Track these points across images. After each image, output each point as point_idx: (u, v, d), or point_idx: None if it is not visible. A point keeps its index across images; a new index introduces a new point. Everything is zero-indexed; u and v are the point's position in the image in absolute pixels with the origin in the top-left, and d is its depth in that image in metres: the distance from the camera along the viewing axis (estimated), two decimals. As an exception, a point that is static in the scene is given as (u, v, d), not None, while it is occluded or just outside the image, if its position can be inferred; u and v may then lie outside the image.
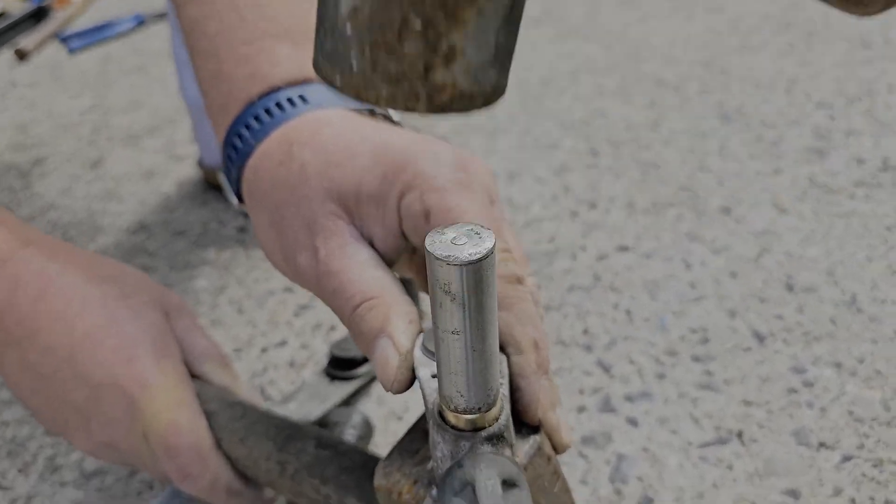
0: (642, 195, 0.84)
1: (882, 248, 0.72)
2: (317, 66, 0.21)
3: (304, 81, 0.42)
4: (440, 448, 0.31)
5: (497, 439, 0.31)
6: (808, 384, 0.59)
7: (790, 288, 0.68)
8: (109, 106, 1.23)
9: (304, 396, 0.59)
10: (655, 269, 0.73)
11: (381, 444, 0.58)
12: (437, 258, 0.26)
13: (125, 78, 1.34)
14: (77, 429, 0.47)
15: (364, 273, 0.35)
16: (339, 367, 0.61)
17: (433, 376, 0.33)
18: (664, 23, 1.29)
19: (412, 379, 0.34)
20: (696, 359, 0.62)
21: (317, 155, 0.37)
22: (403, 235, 0.37)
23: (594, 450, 0.56)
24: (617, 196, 0.85)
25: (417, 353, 0.34)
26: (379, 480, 0.35)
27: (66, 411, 0.47)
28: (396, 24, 0.19)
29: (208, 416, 0.48)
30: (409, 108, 0.20)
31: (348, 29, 0.20)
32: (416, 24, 0.19)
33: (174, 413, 0.46)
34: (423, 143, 0.37)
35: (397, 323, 0.34)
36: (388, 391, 0.34)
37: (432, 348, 0.34)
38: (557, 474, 0.36)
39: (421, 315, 0.36)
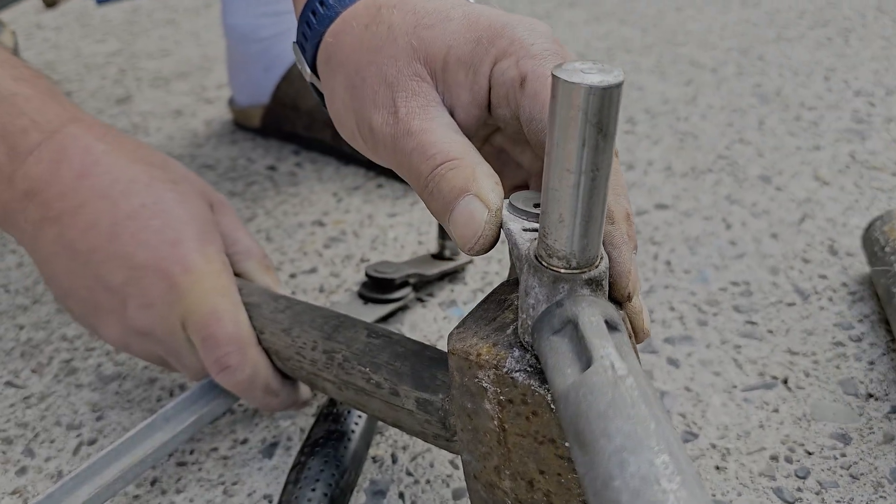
0: (680, 161, 0.83)
1: (926, 222, 0.71)
2: None
3: None
4: (534, 294, 0.30)
5: (596, 285, 0.29)
6: (856, 339, 0.57)
7: (834, 252, 0.67)
8: (137, 51, 1.22)
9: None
10: (695, 227, 0.71)
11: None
12: (566, 81, 0.25)
13: (154, 29, 1.33)
14: (110, 313, 0.46)
15: (446, 134, 0.34)
16: (374, 289, 0.59)
17: (524, 230, 0.32)
18: (699, 12, 1.28)
19: (496, 240, 0.33)
20: (738, 309, 0.61)
21: (406, 17, 0.36)
22: (488, 107, 0.36)
23: (634, 386, 0.54)
24: (654, 160, 0.83)
25: (505, 211, 0.33)
26: (453, 344, 0.33)
27: (101, 293, 0.45)
28: None
29: (250, 308, 0.46)
30: None
31: None
32: None
33: (216, 300, 0.44)
34: (516, 16, 0.36)
35: (484, 182, 0.32)
36: (466, 250, 0.33)
37: (522, 206, 0.33)
38: (635, 349, 0.34)
39: None
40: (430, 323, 0.60)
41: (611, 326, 0.28)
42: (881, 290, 0.57)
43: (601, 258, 0.30)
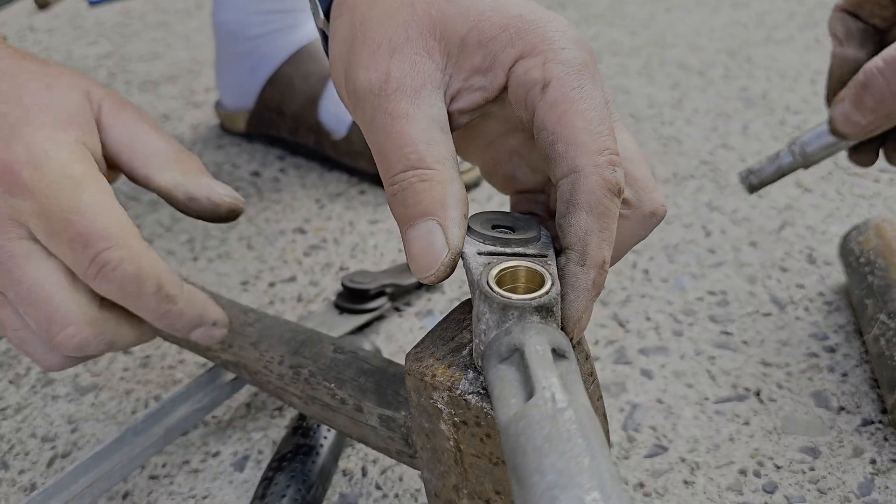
0: (663, 166, 0.83)
1: (907, 230, 0.71)
2: None
3: None
4: (485, 319, 0.30)
5: (546, 312, 0.29)
6: (830, 350, 0.57)
7: (812, 260, 0.67)
8: (127, 54, 1.22)
9: (312, 324, 0.57)
10: (674, 234, 0.71)
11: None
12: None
13: (146, 32, 1.33)
14: None
15: (428, 131, 0.32)
16: (350, 299, 0.59)
17: (479, 254, 0.32)
18: (689, 14, 1.28)
19: (451, 273, 0.32)
20: (713, 319, 0.61)
21: None
22: (495, 100, 0.34)
23: (608, 398, 0.54)
24: (638, 166, 0.83)
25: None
26: (410, 365, 0.33)
27: None
28: None
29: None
30: None
31: None
32: None
33: (75, 193, 0.36)
34: (549, 13, 0.33)
35: (452, 211, 0.31)
36: (419, 279, 0.32)
37: (479, 229, 0.33)
38: (593, 375, 0.35)
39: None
40: (406, 333, 0.60)
41: (558, 355, 0.28)
42: (855, 301, 0.57)
43: (552, 284, 0.30)
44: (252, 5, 0.84)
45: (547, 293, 0.30)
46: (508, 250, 0.32)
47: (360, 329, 0.60)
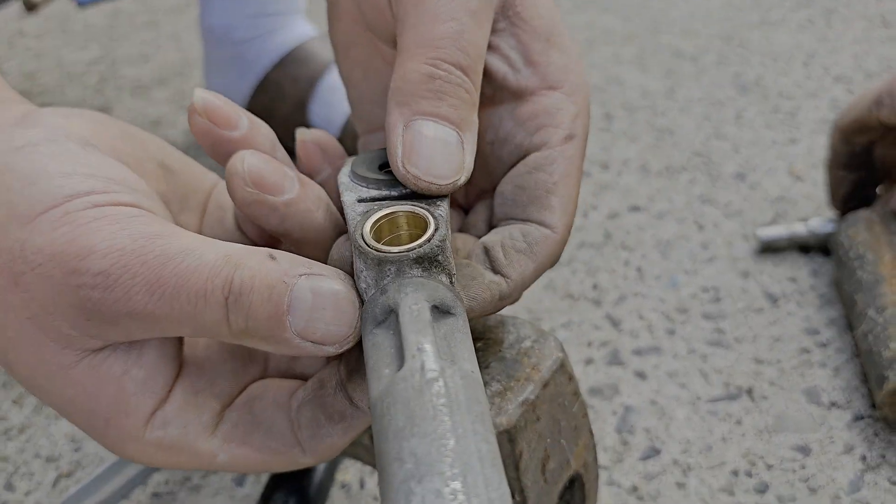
0: (656, 159, 0.83)
1: (899, 217, 0.71)
2: None
3: None
4: (363, 276, 0.26)
5: (430, 263, 0.26)
6: (822, 345, 0.58)
7: (804, 252, 0.67)
8: (117, 58, 1.22)
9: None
10: (667, 230, 0.71)
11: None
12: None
13: (134, 33, 1.33)
14: None
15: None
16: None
17: (359, 201, 0.29)
18: (682, -3, 1.27)
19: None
20: (707, 316, 0.61)
21: None
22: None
23: (601, 401, 0.55)
24: (630, 159, 0.83)
25: (344, 178, 0.31)
26: None
27: None
28: None
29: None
30: None
31: None
32: None
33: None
34: None
35: None
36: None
37: (362, 173, 0.31)
38: (577, 394, 0.35)
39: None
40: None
41: (442, 312, 0.25)
42: (845, 296, 0.58)
43: (435, 230, 0.27)
44: (239, 10, 0.84)
45: (429, 241, 0.26)
46: (395, 193, 0.29)
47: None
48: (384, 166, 0.31)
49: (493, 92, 0.34)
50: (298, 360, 0.32)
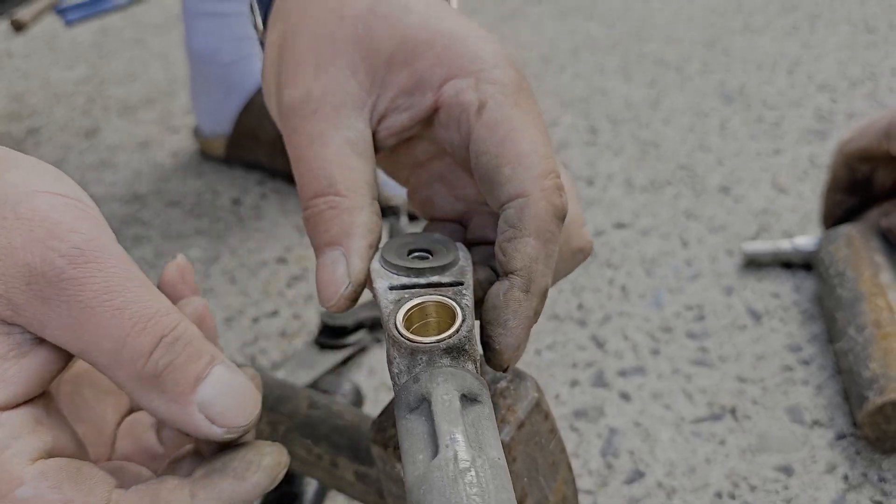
0: (641, 173, 0.83)
1: (881, 228, 0.72)
2: None
3: None
4: (396, 363, 0.28)
5: (458, 353, 0.28)
6: (804, 362, 0.58)
7: (787, 266, 0.67)
8: (105, 77, 1.22)
9: (293, 365, 0.58)
10: (652, 246, 0.72)
11: (372, 414, 0.57)
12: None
13: (122, 51, 1.33)
14: None
15: (343, 155, 0.31)
16: (329, 335, 0.60)
17: (391, 288, 0.30)
18: (667, 3, 1.28)
19: (354, 304, 0.31)
20: (690, 335, 0.62)
21: None
22: (423, 122, 0.32)
23: (586, 423, 0.55)
24: (615, 173, 0.84)
25: (375, 265, 0.32)
26: (374, 434, 0.34)
27: None
28: None
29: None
30: None
31: None
32: None
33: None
34: (480, 29, 0.32)
35: (356, 242, 0.30)
36: (323, 306, 0.31)
37: (393, 259, 0.31)
38: (554, 431, 0.36)
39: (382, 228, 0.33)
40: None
41: (470, 400, 0.27)
42: (827, 312, 0.58)
43: (462, 321, 0.29)
44: (223, 32, 0.85)
45: (457, 332, 0.28)
46: (423, 281, 0.31)
47: (344, 363, 0.61)
48: (412, 252, 0.32)
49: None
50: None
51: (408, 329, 0.28)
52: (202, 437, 0.28)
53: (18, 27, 1.47)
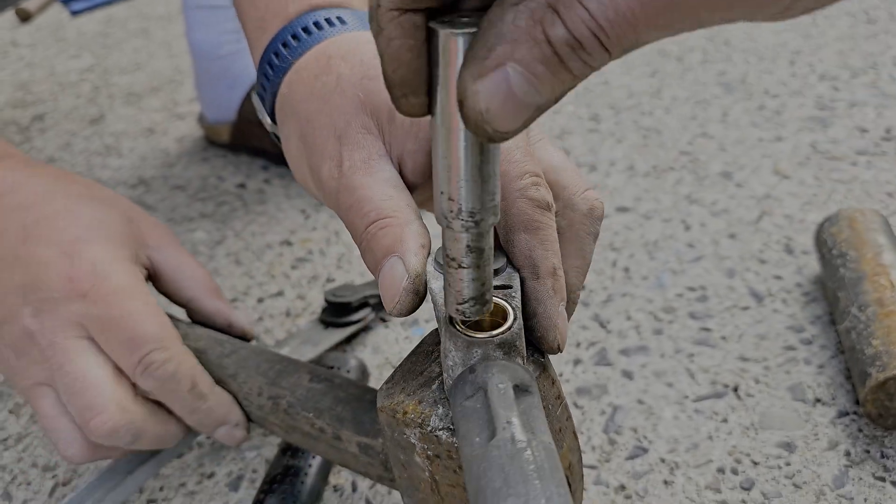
0: (643, 159, 0.84)
1: (883, 213, 0.72)
2: None
3: (340, 5, 0.41)
4: (451, 356, 0.31)
5: (509, 347, 0.31)
6: (807, 342, 0.59)
7: (790, 251, 0.68)
8: (110, 66, 1.23)
9: (297, 342, 0.59)
10: (654, 230, 0.72)
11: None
12: (440, 31, 0.22)
13: (127, 41, 1.33)
14: (9, 318, 0.42)
15: (383, 191, 0.34)
16: (334, 313, 0.61)
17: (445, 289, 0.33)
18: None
19: (417, 303, 0.34)
20: (693, 316, 0.62)
21: (354, 68, 0.37)
22: None
23: (589, 400, 0.55)
24: (617, 160, 0.84)
25: (429, 267, 0.34)
26: (382, 401, 0.34)
27: (3, 294, 0.43)
28: None
29: (197, 354, 0.47)
30: None
31: None
32: None
33: (129, 302, 0.42)
34: None
35: (409, 244, 0.33)
36: (389, 311, 0.34)
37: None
38: (560, 398, 0.36)
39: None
40: (392, 344, 0.62)
41: (522, 390, 0.30)
42: (829, 293, 0.59)
43: (514, 319, 0.32)
44: (222, 24, 0.85)
45: (510, 328, 0.31)
46: None
47: (348, 341, 0.61)
48: None
49: None
50: None
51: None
52: None
53: (24, 17, 1.47)
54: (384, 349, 0.61)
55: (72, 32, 1.40)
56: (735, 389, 0.55)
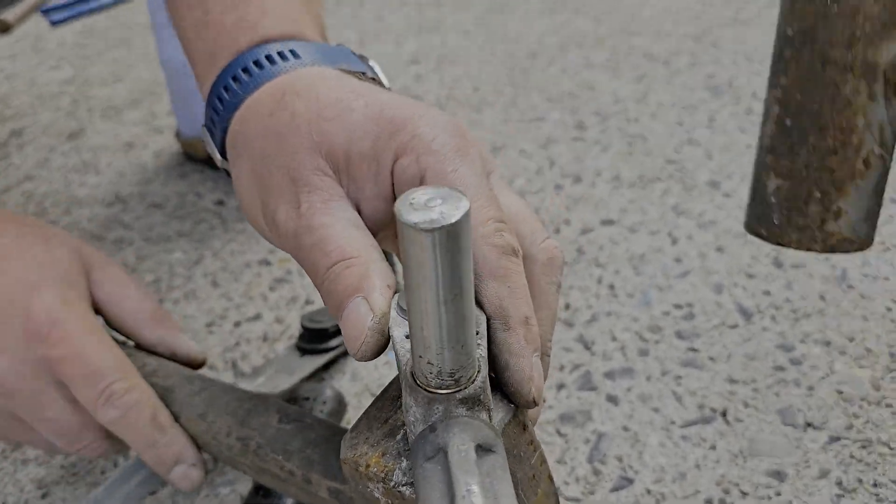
0: (629, 168, 0.82)
1: (874, 223, 0.70)
2: (749, 225, 0.36)
3: (294, 37, 0.40)
4: (412, 412, 0.29)
5: (473, 402, 0.29)
6: (796, 362, 0.57)
7: (779, 264, 0.66)
8: (90, 78, 1.21)
9: (273, 371, 0.57)
10: (641, 243, 0.71)
11: (351, 421, 0.56)
12: (407, 225, 0.24)
13: (107, 51, 1.31)
14: None
15: (345, 231, 0.33)
16: (310, 339, 0.59)
17: (407, 336, 0.31)
18: (657, -4, 1.26)
19: (383, 345, 0.32)
20: (680, 335, 0.60)
21: (309, 106, 0.35)
22: (393, 200, 0.35)
23: (573, 428, 0.54)
24: (603, 169, 0.82)
25: (392, 312, 0.32)
26: (345, 453, 0.33)
27: None
28: (804, 195, 0.33)
29: (165, 392, 0.46)
30: (809, 248, 0.33)
31: (773, 199, 0.34)
32: (817, 195, 0.32)
33: (86, 340, 0.43)
34: (420, 107, 0.35)
35: (374, 282, 0.31)
36: (353, 354, 0.32)
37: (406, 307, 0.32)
38: (534, 445, 0.34)
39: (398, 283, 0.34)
40: (371, 370, 0.60)
41: (485, 450, 0.28)
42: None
43: (478, 372, 0.30)
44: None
45: (472, 382, 0.29)
46: None
47: (325, 368, 0.60)
48: None
49: None
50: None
51: None
52: None
53: (3, 28, 1.45)
54: (363, 375, 0.60)
55: (52, 43, 1.38)
56: (723, 414, 0.54)
